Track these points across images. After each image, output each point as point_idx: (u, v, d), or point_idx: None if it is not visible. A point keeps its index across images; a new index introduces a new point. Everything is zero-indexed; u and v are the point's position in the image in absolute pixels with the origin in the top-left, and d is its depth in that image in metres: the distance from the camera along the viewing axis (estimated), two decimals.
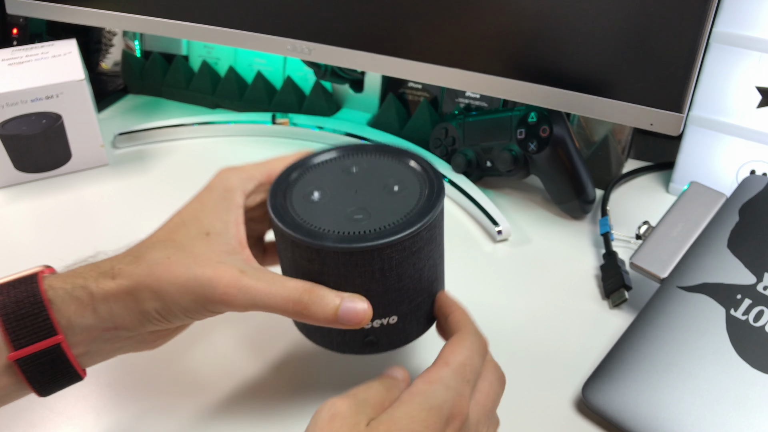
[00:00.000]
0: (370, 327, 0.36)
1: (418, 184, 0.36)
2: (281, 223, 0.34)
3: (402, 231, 0.33)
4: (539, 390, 0.42)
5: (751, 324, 0.40)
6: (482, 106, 0.68)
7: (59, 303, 0.32)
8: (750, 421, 0.36)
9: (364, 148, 0.39)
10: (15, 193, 0.62)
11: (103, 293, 0.32)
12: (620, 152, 0.65)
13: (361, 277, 0.33)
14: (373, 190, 0.36)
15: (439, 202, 0.34)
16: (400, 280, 0.34)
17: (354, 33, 0.59)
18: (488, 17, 0.53)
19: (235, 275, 0.32)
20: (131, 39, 0.83)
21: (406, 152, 0.38)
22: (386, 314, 0.35)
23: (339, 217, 0.34)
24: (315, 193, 0.36)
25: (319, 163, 0.38)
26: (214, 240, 0.34)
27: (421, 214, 0.34)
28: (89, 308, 0.32)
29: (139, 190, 0.63)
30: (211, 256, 0.33)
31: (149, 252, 0.34)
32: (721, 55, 0.56)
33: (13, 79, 0.60)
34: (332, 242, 0.32)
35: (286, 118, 0.72)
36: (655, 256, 0.46)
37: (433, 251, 0.36)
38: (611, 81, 0.51)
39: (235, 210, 0.36)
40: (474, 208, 0.59)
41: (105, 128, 0.69)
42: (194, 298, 0.32)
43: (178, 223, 0.35)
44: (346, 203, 0.35)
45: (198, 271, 0.32)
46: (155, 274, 0.32)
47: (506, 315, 0.48)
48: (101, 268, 0.34)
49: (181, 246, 0.34)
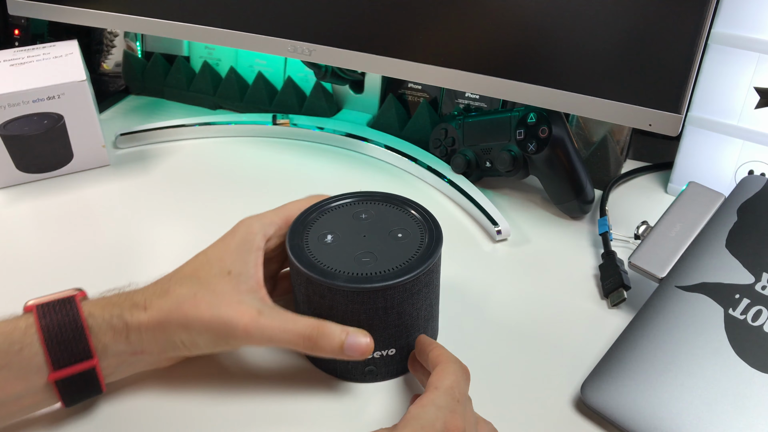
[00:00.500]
0: (371, 357, 0.40)
1: (419, 232, 0.41)
2: (299, 263, 0.38)
3: (404, 275, 0.37)
4: (538, 389, 0.42)
5: (749, 323, 0.40)
6: (481, 106, 0.68)
7: (97, 330, 0.36)
8: (748, 420, 0.37)
9: (373, 197, 0.44)
10: (16, 193, 0.62)
11: (137, 323, 0.36)
12: (619, 153, 0.65)
13: (366, 313, 0.38)
14: (379, 236, 0.41)
15: (437, 251, 0.39)
16: (400, 317, 0.39)
17: (354, 34, 0.59)
18: (488, 18, 0.53)
19: (254, 316, 0.36)
20: (133, 40, 0.83)
21: (408, 202, 0.44)
22: (386, 347, 0.40)
23: (349, 259, 0.39)
24: (329, 236, 0.41)
25: (333, 207, 0.43)
26: (235, 279, 0.38)
27: (421, 261, 0.39)
28: (123, 336, 0.36)
29: (140, 190, 0.63)
30: (232, 296, 0.37)
31: (178, 287, 0.37)
32: (720, 56, 0.56)
33: (14, 80, 0.60)
34: (342, 282, 0.37)
35: (287, 118, 0.72)
36: (654, 255, 0.47)
37: (430, 293, 0.41)
38: (610, 82, 0.51)
39: (255, 252, 0.39)
40: (473, 208, 0.59)
41: (106, 129, 0.69)
42: (217, 334, 0.37)
43: (203, 261, 0.39)
44: (355, 246, 0.40)
45: (221, 310, 0.36)
46: (182, 309, 0.36)
47: (505, 314, 0.48)
48: (134, 299, 0.37)
49: (206, 283, 0.37)
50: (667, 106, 0.49)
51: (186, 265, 0.40)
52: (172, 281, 0.38)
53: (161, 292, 0.37)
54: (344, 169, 0.67)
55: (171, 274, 0.40)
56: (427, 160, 0.65)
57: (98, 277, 0.51)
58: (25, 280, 0.51)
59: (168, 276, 0.40)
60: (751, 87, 0.56)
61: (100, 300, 0.38)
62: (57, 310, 0.36)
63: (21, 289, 0.49)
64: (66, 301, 0.36)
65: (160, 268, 0.52)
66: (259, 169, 0.66)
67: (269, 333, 0.36)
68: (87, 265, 0.52)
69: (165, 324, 0.36)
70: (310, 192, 0.46)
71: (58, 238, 0.55)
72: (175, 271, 0.40)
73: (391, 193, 0.44)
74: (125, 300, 0.37)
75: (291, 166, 0.67)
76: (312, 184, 0.64)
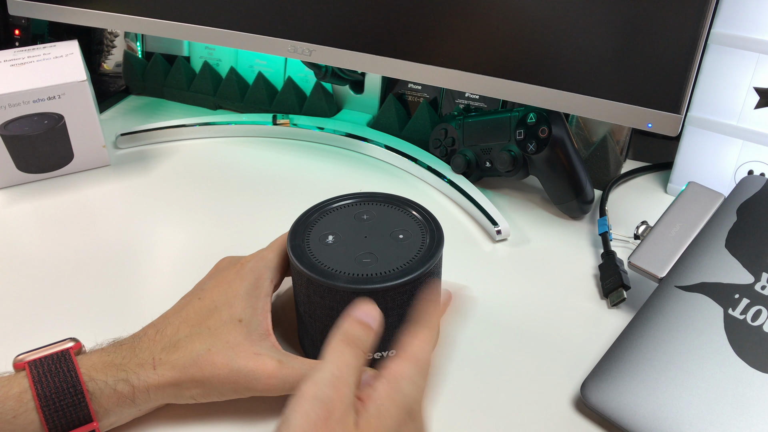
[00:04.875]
0: (371, 359, 0.39)
1: (421, 234, 0.41)
2: (299, 263, 0.38)
3: (404, 276, 0.37)
4: (538, 389, 0.42)
5: (748, 323, 0.40)
6: (481, 106, 0.69)
7: (98, 395, 0.34)
8: (748, 419, 0.37)
9: (374, 198, 0.44)
10: (17, 193, 0.62)
11: (145, 385, 0.35)
12: (619, 153, 0.65)
13: None
14: (380, 237, 0.41)
15: (438, 252, 0.39)
16: (401, 319, 0.39)
17: (354, 34, 0.59)
18: (487, 18, 0.53)
19: (275, 366, 0.36)
20: (133, 40, 0.83)
21: (410, 203, 0.43)
22: (387, 348, 0.40)
23: (349, 260, 0.39)
24: (330, 236, 0.41)
25: (334, 208, 0.43)
26: (245, 327, 0.37)
27: (422, 262, 0.38)
28: (128, 400, 0.35)
29: (140, 190, 0.63)
30: (247, 347, 0.36)
31: (189, 342, 0.36)
32: (720, 56, 0.56)
33: (15, 80, 0.60)
34: (343, 283, 0.37)
35: (287, 119, 0.72)
36: (654, 255, 0.47)
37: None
38: (610, 82, 0.51)
39: (264, 298, 0.39)
40: (473, 208, 0.59)
41: (107, 129, 0.69)
42: (236, 387, 0.36)
43: (210, 308, 0.38)
44: (356, 247, 0.40)
45: (240, 363, 0.35)
46: (198, 366, 0.35)
47: (505, 314, 0.48)
48: (140, 357, 0.36)
49: (217, 334, 0.36)
50: (666, 106, 0.49)
51: (189, 309, 0.38)
52: (180, 333, 0.37)
53: (170, 347, 0.36)
54: (344, 169, 0.67)
55: (172, 318, 0.38)
56: (427, 160, 0.65)
57: (98, 277, 0.51)
58: (25, 280, 0.51)
59: (169, 320, 0.38)
60: (751, 87, 0.56)
61: (98, 358, 0.36)
62: (53, 373, 0.34)
63: (21, 289, 0.49)
64: (61, 358, 0.34)
65: (160, 268, 0.52)
66: (259, 169, 0.66)
67: (291, 382, 0.36)
68: (87, 265, 0.52)
69: (179, 382, 0.35)
70: (310, 192, 0.46)
71: (58, 238, 0.55)
72: (178, 316, 0.38)
73: (393, 194, 0.44)
74: (129, 359, 0.36)
75: (291, 166, 0.67)
76: (312, 184, 0.64)
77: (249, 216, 0.59)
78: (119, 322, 0.40)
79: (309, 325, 0.40)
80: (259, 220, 0.58)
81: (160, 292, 0.49)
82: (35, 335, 0.45)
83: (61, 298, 0.49)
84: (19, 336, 0.45)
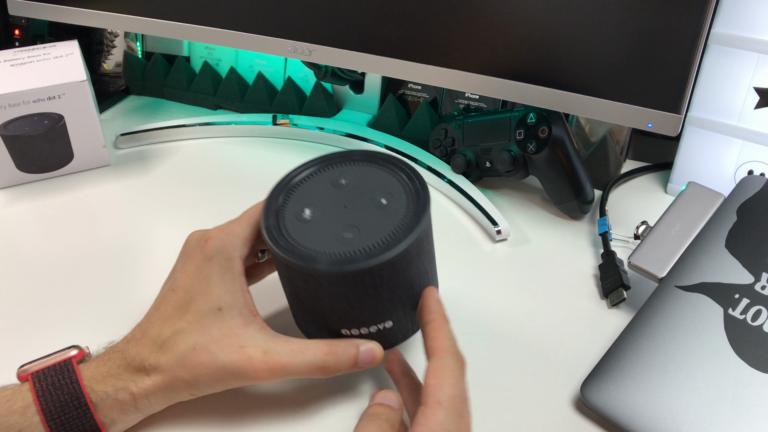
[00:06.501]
0: (368, 333, 0.37)
1: (405, 195, 0.37)
2: (276, 248, 0.35)
3: (390, 249, 0.34)
4: (538, 389, 0.42)
5: (749, 323, 0.40)
6: (481, 106, 0.69)
7: (101, 405, 0.34)
8: (748, 420, 0.37)
9: (350, 155, 0.40)
10: (17, 193, 0.62)
11: (143, 392, 0.35)
12: (619, 153, 0.65)
13: (355, 293, 0.35)
14: (362, 205, 0.37)
15: (424, 217, 0.35)
16: (393, 292, 0.36)
17: (354, 34, 0.59)
18: (487, 18, 0.53)
19: (262, 358, 0.35)
20: (133, 40, 0.83)
21: (392, 160, 0.39)
22: (381, 320, 0.37)
23: (330, 238, 0.35)
24: (306, 210, 0.37)
25: (308, 175, 0.39)
26: (227, 315, 0.36)
27: (409, 230, 0.35)
28: (131, 407, 0.35)
29: (140, 190, 0.63)
30: (232, 339, 0.35)
31: (174, 343, 0.35)
32: (720, 56, 0.56)
33: (15, 80, 0.60)
34: (324, 266, 0.34)
35: (287, 119, 0.72)
36: (654, 255, 0.47)
37: (423, 261, 0.37)
38: (609, 82, 0.51)
39: (239, 278, 0.37)
40: (473, 208, 0.59)
41: (107, 129, 0.69)
42: (225, 383, 0.35)
43: (186, 300, 0.36)
44: (336, 221, 0.36)
45: (226, 359, 0.35)
46: (186, 366, 0.35)
47: (505, 314, 0.48)
48: (132, 363, 0.35)
49: (200, 328, 0.35)
50: (666, 106, 0.49)
51: (166, 305, 0.37)
52: (164, 333, 0.36)
53: (157, 349, 0.35)
54: None
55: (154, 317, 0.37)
56: (427, 160, 0.65)
57: (98, 277, 0.51)
58: (26, 280, 0.51)
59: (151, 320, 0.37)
60: (751, 87, 0.56)
61: (97, 368, 0.35)
62: (56, 387, 0.34)
63: (21, 289, 0.49)
64: (64, 368, 0.34)
65: (160, 268, 0.52)
66: (259, 169, 0.66)
67: (279, 371, 0.35)
68: (87, 265, 0.52)
69: (171, 385, 0.35)
70: None
71: (58, 238, 0.55)
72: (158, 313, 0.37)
73: (371, 150, 0.40)
74: (125, 368, 0.35)
75: (291, 166, 0.67)
76: None
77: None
78: (119, 321, 0.40)
79: (297, 306, 0.38)
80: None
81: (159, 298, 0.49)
82: (35, 335, 0.45)
83: (61, 298, 0.49)
84: (19, 336, 0.45)
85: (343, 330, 0.37)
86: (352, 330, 0.37)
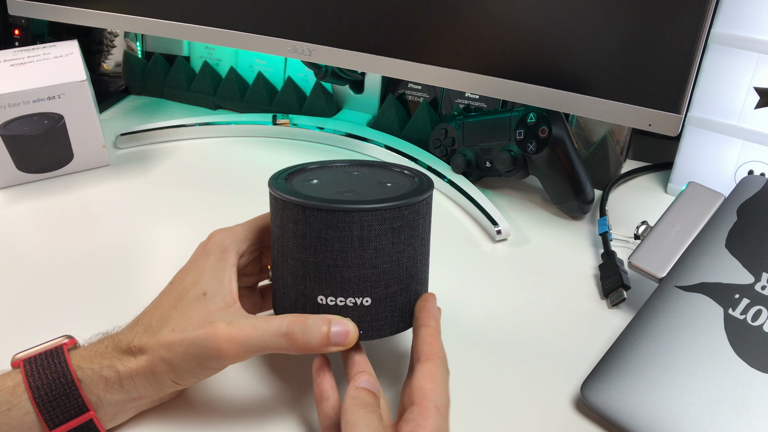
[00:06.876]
0: (344, 305, 0.36)
1: (409, 182, 0.40)
2: (276, 189, 0.37)
3: (383, 203, 0.35)
4: (538, 389, 0.42)
5: (749, 323, 0.40)
6: (481, 106, 0.69)
7: (88, 382, 0.35)
8: (748, 420, 0.37)
9: (370, 163, 0.43)
10: (17, 193, 0.62)
11: (128, 371, 0.35)
12: (619, 153, 0.65)
13: (341, 242, 0.35)
14: (367, 183, 0.40)
15: (425, 192, 0.37)
16: (378, 256, 0.36)
17: (354, 34, 0.59)
18: (487, 18, 0.53)
19: (224, 329, 0.34)
20: (133, 40, 0.83)
21: (403, 166, 0.42)
22: (361, 293, 0.36)
23: (330, 192, 0.37)
24: (314, 180, 0.40)
25: (327, 165, 0.43)
26: (210, 299, 0.36)
27: (405, 197, 0.36)
28: (116, 386, 0.35)
29: (140, 190, 0.63)
30: (204, 317, 0.35)
31: (159, 327, 0.36)
32: (720, 56, 0.56)
33: (15, 80, 0.60)
34: (317, 202, 0.35)
35: (287, 118, 0.72)
36: (654, 255, 0.47)
37: (414, 240, 0.37)
38: (610, 82, 0.51)
39: (230, 269, 0.38)
40: (473, 208, 0.59)
41: (107, 129, 0.69)
42: (196, 359, 0.35)
43: (180, 291, 0.38)
44: (339, 185, 0.39)
45: (193, 333, 0.35)
46: (164, 345, 0.35)
47: (505, 314, 0.48)
48: (120, 345, 0.36)
49: (182, 313, 0.36)
50: (666, 106, 0.49)
51: (162, 295, 0.38)
52: (153, 320, 0.37)
53: (143, 331, 0.36)
54: None
55: (150, 307, 0.38)
56: (427, 160, 0.65)
57: (98, 277, 0.51)
58: (25, 279, 0.51)
59: (147, 310, 0.38)
60: (751, 87, 0.56)
61: (87, 350, 0.37)
62: (45, 366, 0.34)
63: (21, 289, 0.49)
64: (54, 353, 0.35)
65: (160, 268, 0.52)
66: (259, 169, 0.66)
67: (243, 342, 0.34)
68: (87, 265, 0.52)
69: (153, 366, 0.35)
70: None
71: (58, 238, 0.55)
72: (153, 303, 0.38)
73: (388, 162, 0.43)
74: (113, 348, 0.36)
75: None
76: None
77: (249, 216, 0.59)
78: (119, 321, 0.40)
79: (280, 269, 0.38)
80: None
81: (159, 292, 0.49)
82: (35, 335, 0.45)
83: (60, 298, 0.49)
84: (18, 336, 0.45)
85: (320, 297, 0.37)
86: (329, 299, 0.36)
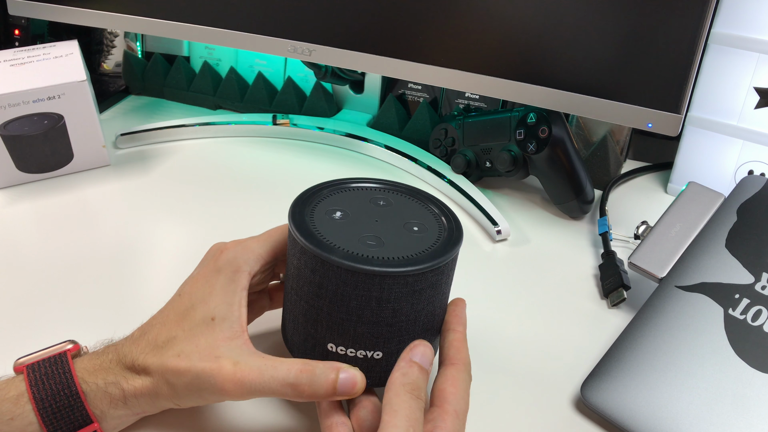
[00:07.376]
0: (354, 356, 0.35)
1: (438, 230, 0.37)
2: (296, 230, 0.35)
3: (408, 266, 0.33)
4: (538, 389, 0.42)
5: (749, 323, 0.40)
6: (481, 106, 0.69)
7: (92, 396, 0.35)
8: (748, 420, 0.37)
9: (396, 187, 0.40)
10: (17, 193, 0.62)
11: (133, 390, 0.35)
12: (619, 153, 0.65)
13: (357, 300, 0.34)
14: (392, 225, 0.37)
15: (452, 251, 0.35)
16: (395, 316, 0.34)
17: (354, 34, 0.59)
18: (488, 18, 0.53)
19: (230, 370, 0.33)
20: (133, 40, 0.83)
21: (435, 200, 0.40)
22: (372, 347, 0.35)
23: (352, 238, 0.35)
24: (338, 212, 0.37)
25: (350, 187, 0.40)
26: (218, 326, 0.35)
27: (432, 257, 0.34)
28: (121, 402, 0.35)
29: (140, 190, 0.63)
30: (211, 349, 0.34)
31: (165, 348, 0.35)
32: (720, 56, 0.56)
33: (15, 80, 0.60)
34: (338, 257, 0.33)
35: (287, 118, 0.72)
36: (654, 255, 0.47)
37: (435, 298, 0.36)
38: (610, 82, 0.51)
39: (240, 292, 0.37)
40: (473, 208, 0.59)
41: (107, 129, 0.69)
42: (198, 391, 0.34)
43: (187, 307, 0.37)
44: (363, 228, 0.36)
45: (199, 366, 0.34)
46: (169, 371, 0.34)
47: (505, 314, 0.48)
48: (125, 360, 0.35)
49: (190, 336, 0.35)
50: (667, 106, 0.49)
51: (169, 309, 0.37)
52: (160, 337, 0.36)
53: (148, 351, 0.35)
54: (344, 169, 0.67)
55: (156, 319, 0.37)
56: (427, 160, 0.65)
57: (98, 277, 0.51)
58: (25, 279, 0.51)
59: (153, 322, 0.37)
60: (751, 87, 0.56)
61: (91, 361, 0.36)
62: (49, 377, 0.34)
63: (21, 289, 0.49)
64: (58, 361, 0.35)
65: (161, 268, 0.52)
66: (259, 169, 0.66)
67: (247, 386, 0.33)
68: (87, 265, 0.52)
69: (156, 389, 0.35)
70: None
71: (58, 238, 0.55)
72: (161, 316, 0.37)
73: (416, 188, 0.41)
74: (117, 364, 0.35)
75: (291, 166, 0.67)
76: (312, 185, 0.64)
77: (249, 216, 0.59)
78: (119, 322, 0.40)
79: (293, 304, 0.37)
80: (258, 220, 0.58)
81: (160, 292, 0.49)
82: (35, 335, 0.45)
83: (61, 298, 0.49)
84: (18, 336, 0.45)
85: (330, 345, 0.35)
86: (339, 348, 0.35)
